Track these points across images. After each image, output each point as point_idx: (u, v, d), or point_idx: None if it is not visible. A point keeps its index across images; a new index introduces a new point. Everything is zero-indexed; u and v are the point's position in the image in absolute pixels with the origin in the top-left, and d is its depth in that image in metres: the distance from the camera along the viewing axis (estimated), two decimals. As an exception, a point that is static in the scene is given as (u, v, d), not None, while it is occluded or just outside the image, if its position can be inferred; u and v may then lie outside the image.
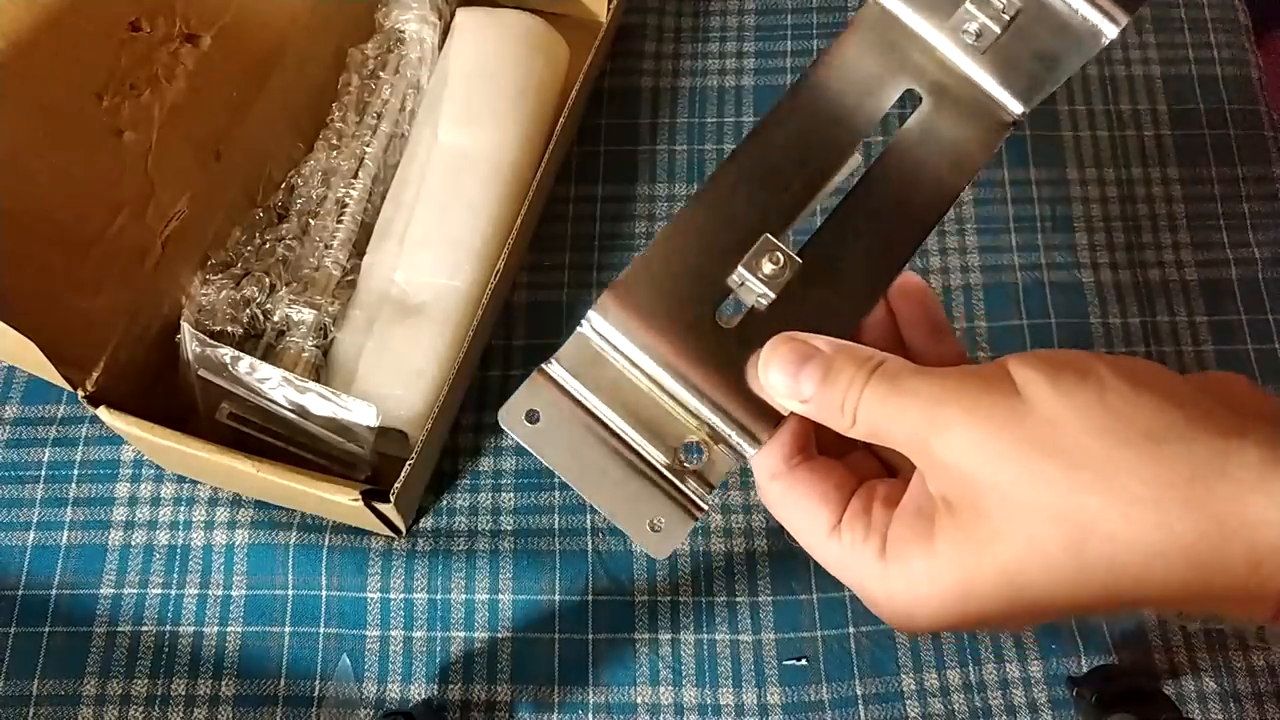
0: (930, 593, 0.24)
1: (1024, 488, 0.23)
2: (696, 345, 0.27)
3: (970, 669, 0.46)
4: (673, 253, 0.27)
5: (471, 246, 0.48)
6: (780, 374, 0.26)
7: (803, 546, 0.27)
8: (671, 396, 0.27)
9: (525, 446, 0.27)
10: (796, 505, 0.27)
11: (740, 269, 0.27)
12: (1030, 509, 0.23)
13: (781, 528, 0.28)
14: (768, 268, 0.27)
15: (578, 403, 0.27)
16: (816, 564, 0.48)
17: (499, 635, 0.46)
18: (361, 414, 0.44)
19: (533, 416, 0.27)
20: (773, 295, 0.27)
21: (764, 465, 0.27)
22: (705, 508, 0.27)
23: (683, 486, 0.27)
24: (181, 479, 0.49)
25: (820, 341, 0.26)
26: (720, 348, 0.27)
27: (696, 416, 0.27)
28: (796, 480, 0.27)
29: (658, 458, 0.27)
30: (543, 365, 0.27)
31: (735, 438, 0.27)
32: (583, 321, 0.27)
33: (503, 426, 0.27)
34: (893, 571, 0.25)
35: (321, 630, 0.46)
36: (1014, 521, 0.23)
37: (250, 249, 0.49)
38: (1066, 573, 0.23)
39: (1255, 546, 0.21)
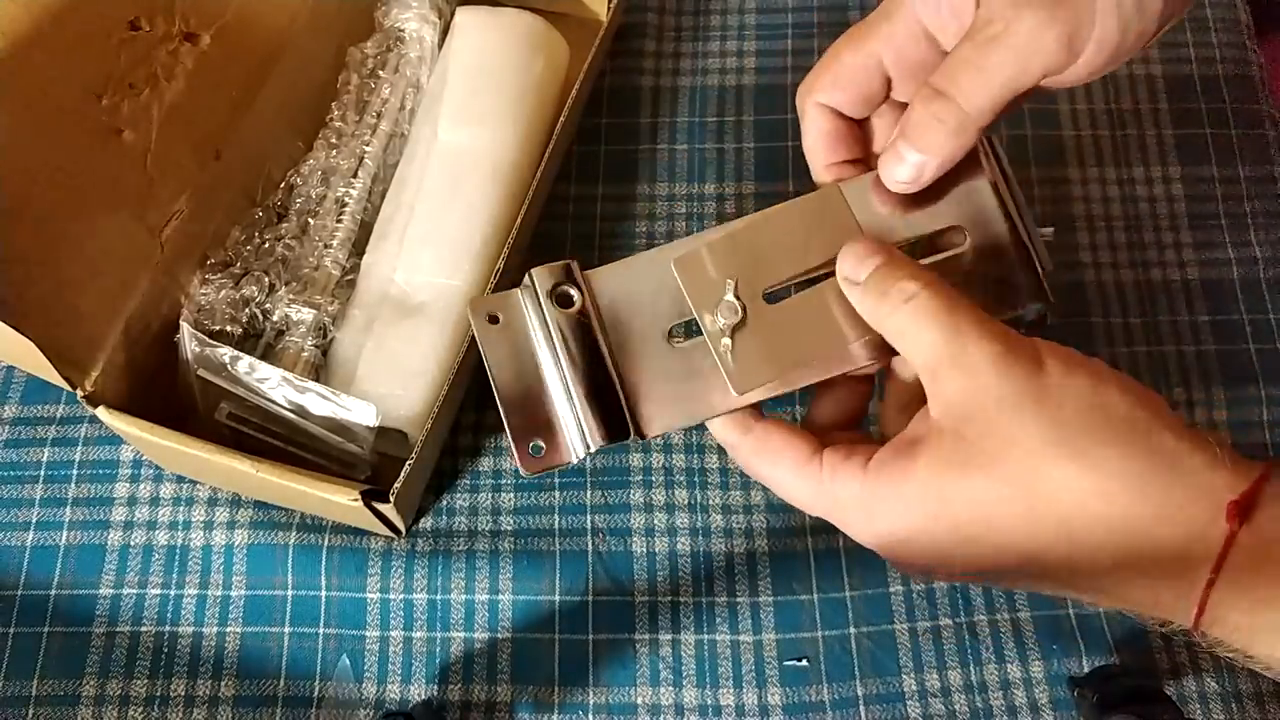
0: (906, 509, 0.27)
1: (1018, 434, 0.26)
2: (643, 348, 0.32)
3: (971, 669, 0.46)
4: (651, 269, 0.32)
5: (471, 246, 0.48)
6: (851, 253, 0.30)
7: (776, 488, 0.31)
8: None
9: (476, 337, 0.31)
10: (768, 448, 0.31)
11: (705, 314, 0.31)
12: (1016, 455, 0.26)
13: (779, 529, 0.28)
14: (722, 320, 0.31)
15: (535, 321, 0.32)
16: (817, 564, 0.48)
17: (499, 635, 0.46)
18: (361, 414, 0.44)
19: (494, 319, 0.32)
20: (729, 343, 0.31)
21: (728, 430, 0.31)
22: (580, 457, 0.31)
23: (583, 427, 0.31)
24: (181, 479, 0.49)
25: (888, 252, 0.30)
26: (663, 357, 0.32)
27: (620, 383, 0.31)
28: (767, 429, 0.31)
29: (576, 392, 0.31)
30: (528, 275, 0.32)
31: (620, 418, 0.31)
32: (572, 263, 0.32)
33: (469, 313, 0.32)
34: (872, 487, 0.28)
35: (321, 630, 0.46)
36: (997, 461, 0.26)
37: (250, 248, 0.49)
38: (1025, 523, 0.26)
39: (1189, 553, 0.24)
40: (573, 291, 0.31)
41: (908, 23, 0.32)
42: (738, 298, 0.31)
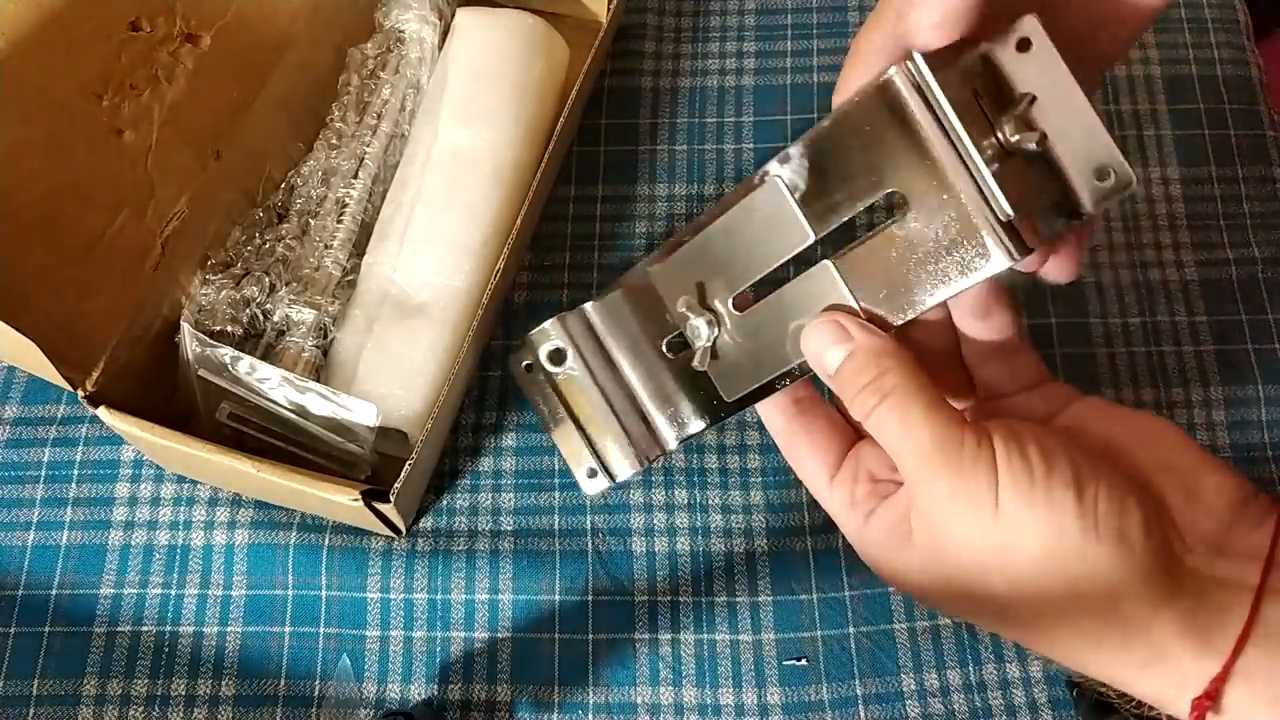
0: (905, 569, 0.28)
1: (981, 580, 0.26)
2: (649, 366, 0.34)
3: (970, 669, 0.46)
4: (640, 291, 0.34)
5: (471, 246, 0.48)
6: (816, 337, 0.29)
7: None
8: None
9: (520, 384, 0.35)
10: (798, 454, 0.31)
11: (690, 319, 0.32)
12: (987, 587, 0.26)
13: (779, 529, 0.29)
14: (704, 330, 0.31)
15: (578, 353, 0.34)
16: (817, 564, 0.48)
17: (499, 635, 0.46)
18: (361, 414, 0.44)
19: (529, 367, 0.35)
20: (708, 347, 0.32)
21: (769, 415, 0.32)
22: (625, 477, 0.34)
23: (622, 450, 0.34)
24: (181, 479, 0.49)
25: (856, 330, 0.28)
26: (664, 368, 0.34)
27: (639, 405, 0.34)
28: (795, 433, 0.31)
29: (606, 427, 0.34)
30: (524, 341, 0.35)
31: (662, 425, 0.34)
32: (558, 318, 0.35)
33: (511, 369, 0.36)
34: (871, 540, 0.29)
35: (321, 630, 0.46)
36: (971, 580, 0.26)
37: (250, 249, 0.49)
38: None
39: (1164, 697, 0.25)
40: (565, 349, 0.34)
41: None
42: (708, 308, 0.31)
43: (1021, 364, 0.30)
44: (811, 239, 0.29)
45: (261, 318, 0.48)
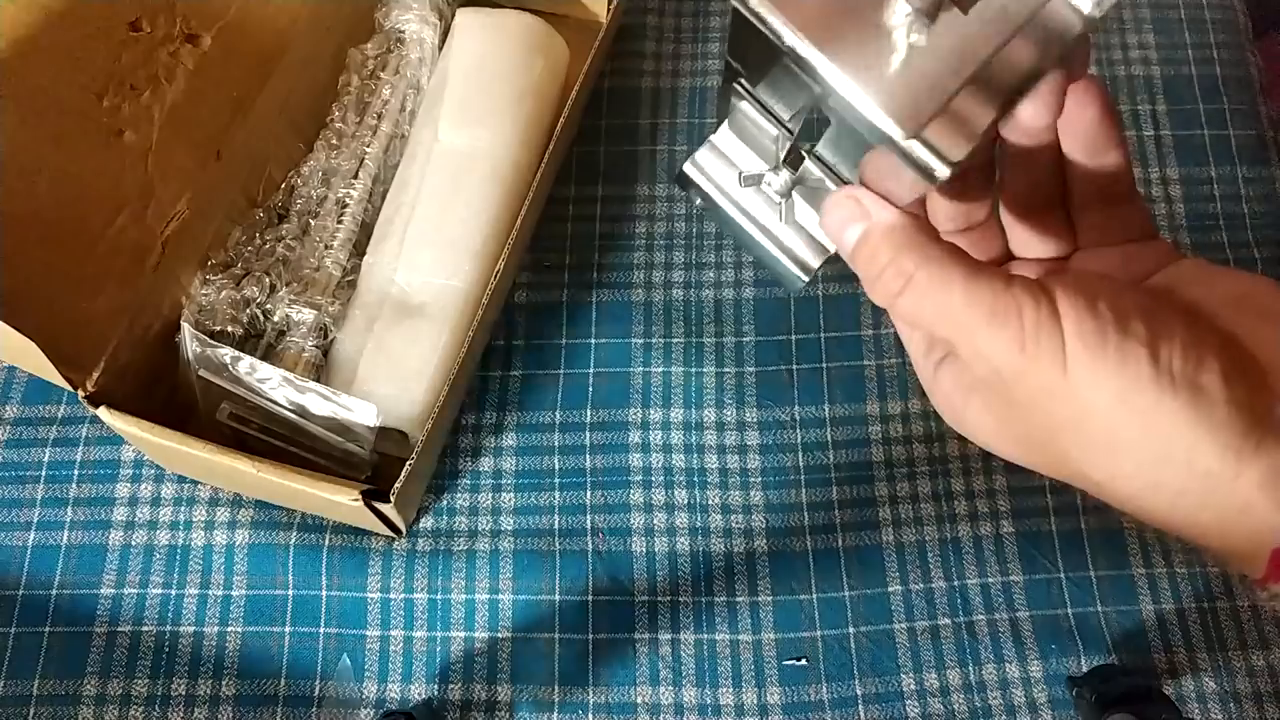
0: (969, 427, 0.27)
1: (1053, 430, 0.25)
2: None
3: (970, 669, 0.46)
4: None
5: (471, 246, 0.48)
6: (831, 215, 0.26)
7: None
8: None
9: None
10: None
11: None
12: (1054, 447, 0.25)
13: (779, 529, 0.28)
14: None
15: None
16: (816, 564, 0.48)
17: (499, 635, 0.46)
18: (362, 414, 0.44)
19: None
20: None
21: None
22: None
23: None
24: (181, 479, 0.49)
25: (872, 204, 0.25)
26: None
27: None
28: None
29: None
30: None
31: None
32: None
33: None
34: (940, 390, 0.28)
35: (321, 630, 0.46)
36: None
37: (250, 249, 0.49)
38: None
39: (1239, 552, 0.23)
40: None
41: None
42: None
43: (1128, 214, 0.29)
44: None
45: (262, 318, 0.48)
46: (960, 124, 0.23)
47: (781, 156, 0.28)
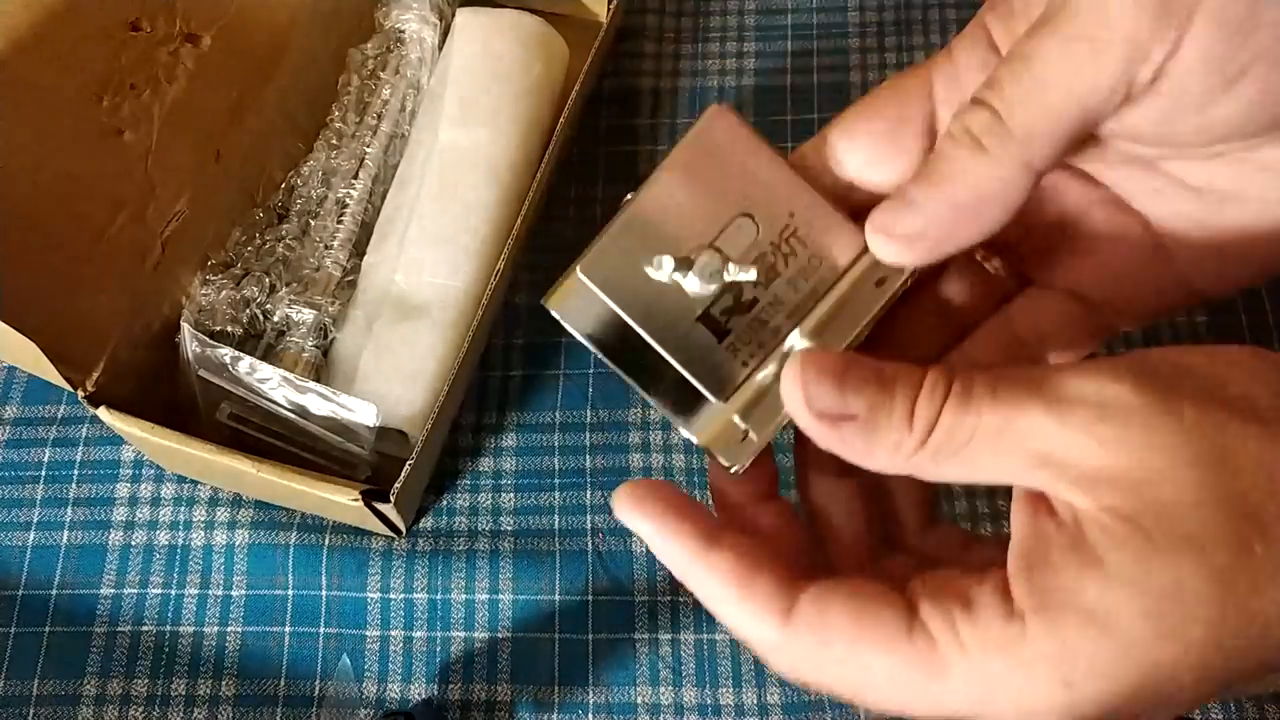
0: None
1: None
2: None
3: (970, 669, 0.46)
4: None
5: (471, 246, 0.48)
6: (815, 386, 0.22)
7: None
8: None
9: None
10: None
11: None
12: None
13: None
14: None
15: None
16: (816, 564, 0.48)
17: (499, 635, 0.46)
18: (362, 414, 0.44)
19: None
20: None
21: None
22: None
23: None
24: (181, 479, 0.49)
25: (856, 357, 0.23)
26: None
27: None
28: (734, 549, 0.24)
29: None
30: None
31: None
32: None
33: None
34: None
35: (321, 630, 0.46)
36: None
37: (250, 249, 0.49)
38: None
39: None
40: None
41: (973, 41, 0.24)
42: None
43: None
44: None
45: (261, 318, 0.48)
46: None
47: None
